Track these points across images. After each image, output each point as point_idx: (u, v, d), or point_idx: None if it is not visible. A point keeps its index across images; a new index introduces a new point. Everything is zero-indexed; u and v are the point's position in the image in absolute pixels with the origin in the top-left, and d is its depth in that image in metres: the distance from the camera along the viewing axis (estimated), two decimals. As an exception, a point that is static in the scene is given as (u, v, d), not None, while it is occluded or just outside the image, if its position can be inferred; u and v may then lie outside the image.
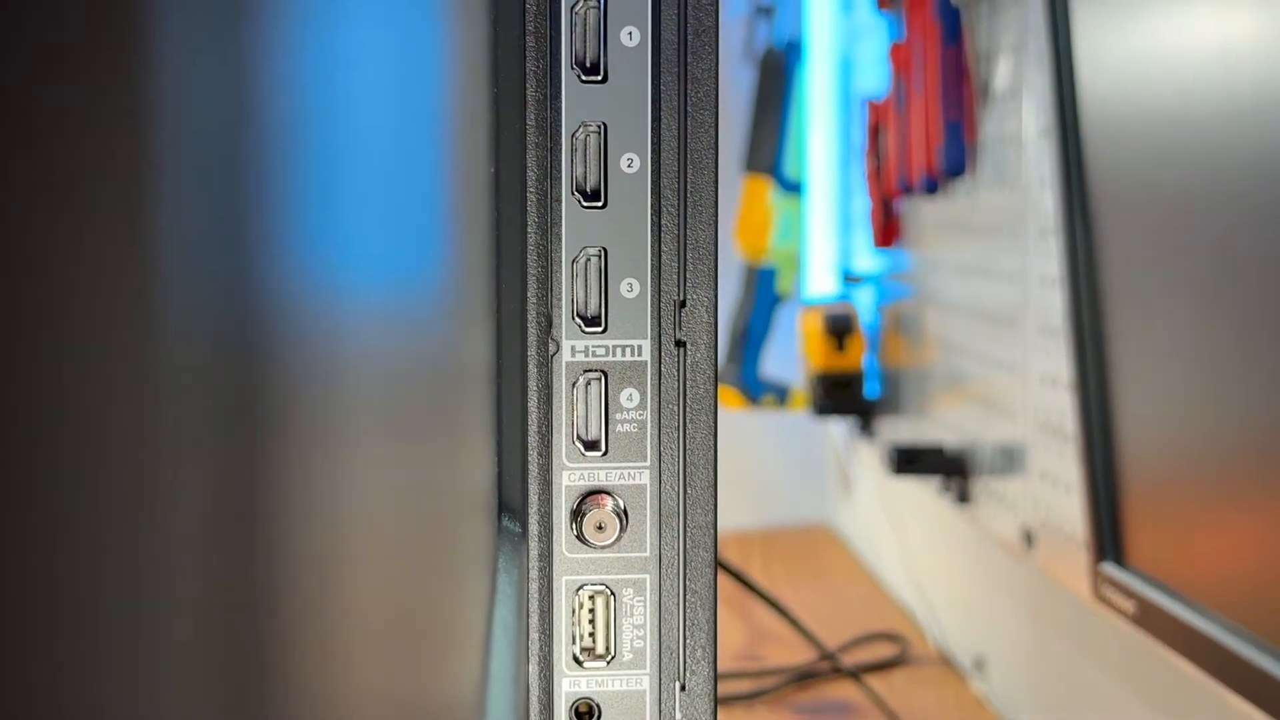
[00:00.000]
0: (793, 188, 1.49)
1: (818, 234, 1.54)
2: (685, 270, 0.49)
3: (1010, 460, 1.06)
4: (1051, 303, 0.95)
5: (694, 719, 0.52)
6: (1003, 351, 1.07)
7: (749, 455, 1.71)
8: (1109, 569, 0.80)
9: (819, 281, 1.54)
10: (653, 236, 0.49)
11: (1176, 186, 0.71)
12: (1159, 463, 0.76)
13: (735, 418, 1.59)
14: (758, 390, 1.52)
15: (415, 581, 0.26)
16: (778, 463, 1.73)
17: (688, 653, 0.51)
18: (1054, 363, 0.95)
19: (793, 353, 1.55)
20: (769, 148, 1.47)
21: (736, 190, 1.50)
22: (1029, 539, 1.02)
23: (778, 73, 1.48)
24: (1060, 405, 0.94)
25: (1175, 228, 0.71)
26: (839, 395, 1.42)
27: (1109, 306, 0.81)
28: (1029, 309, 1.00)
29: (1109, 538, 0.82)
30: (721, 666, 1.16)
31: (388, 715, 0.22)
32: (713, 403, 0.50)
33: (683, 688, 0.51)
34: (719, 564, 0.93)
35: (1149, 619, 0.75)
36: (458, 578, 0.34)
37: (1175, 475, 0.74)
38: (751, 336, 1.50)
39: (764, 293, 1.50)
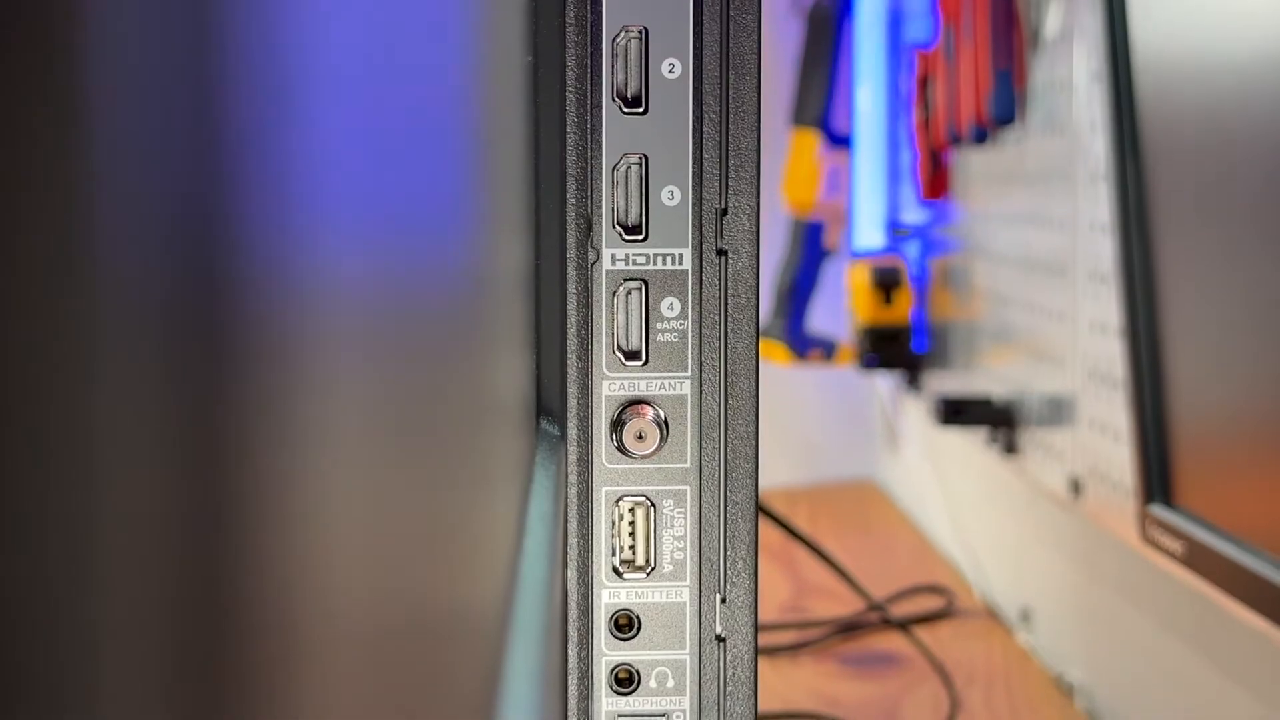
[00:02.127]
0: (841, 141, 1.48)
1: (865, 187, 1.53)
2: (727, 177, 0.49)
3: (1058, 410, 1.05)
4: (1102, 249, 0.94)
5: (734, 631, 0.51)
6: (1052, 300, 1.06)
7: (795, 411, 1.70)
8: (1157, 510, 0.80)
9: (866, 235, 1.53)
10: (694, 143, 0.49)
11: (1229, 129, 0.70)
12: (1208, 405, 0.75)
13: (782, 373, 1.59)
14: (804, 345, 1.51)
15: (445, 481, 0.26)
16: (824, 418, 1.72)
17: (728, 565, 0.51)
18: (1104, 309, 0.94)
19: (840, 307, 1.54)
20: (817, 100, 1.46)
21: (784, 143, 1.49)
22: (1076, 488, 1.01)
23: (825, 25, 1.47)
24: (1110, 353, 0.93)
25: (1227, 171, 0.70)
26: (886, 349, 1.41)
27: (1160, 251, 0.80)
28: (1078, 256, 0.99)
29: (1157, 480, 0.81)
30: (766, 618, 1.16)
31: (410, 616, 0.22)
32: (754, 312, 0.50)
33: (723, 600, 0.51)
34: (764, 511, 0.93)
35: (1197, 559, 0.75)
36: (491, 478, 0.34)
37: (1225, 418, 0.73)
38: (798, 291, 1.49)
39: (811, 247, 1.49)
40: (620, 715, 0.52)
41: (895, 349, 1.41)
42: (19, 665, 0.09)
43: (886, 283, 1.40)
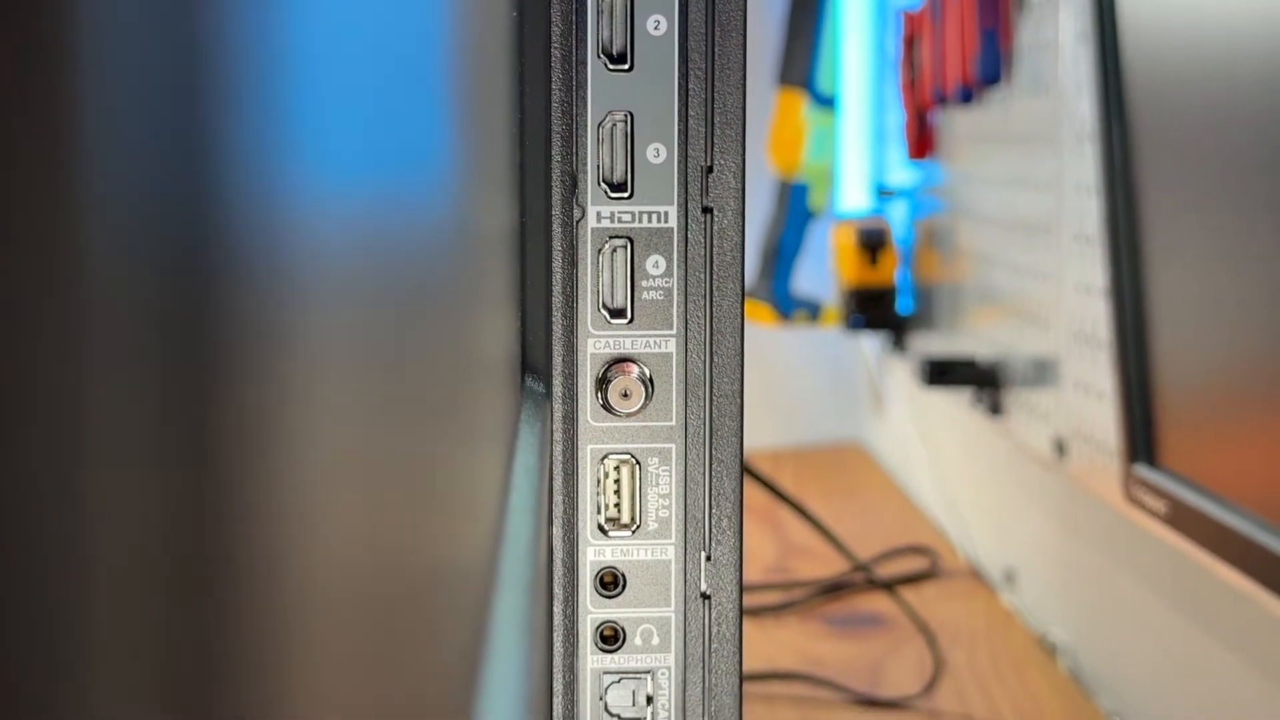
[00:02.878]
0: (826, 101, 1.47)
1: (851, 148, 1.53)
2: (712, 135, 0.49)
3: (1043, 371, 1.05)
4: (1087, 209, 0.94)
5: (719, 589, 0.51)
6: (1037, 261, 1.06)
7: (780, 372, 1.71)
8: (1141, 470, 0.80)
9: (852, 196, 1.53)
10: (679, 100, 0.49)
11: (1214, 89, 0.70)
12: (1192, 366, 0.75)
13: (767, 334, 1.59)
14: (789, 306, 1.51)
15: (431, 438, 0.26)
16: (809, 379, 1.72)
17: (713, 523, 0.51)
18: (1089, 270, 0.94)
19: (825, 268, 1.54)
20: (803, 61, 1.46)
21: (769, 104, 1.49)
22: (1061, 449, 1.01)
23: (812, -15, 1.46)
24: (1094, 313, 0.93)
25: (1213, 132, 0.70)
26: (871, 310, 1.41)
27: (1145, 211, 0.80)
28: (1064, 217, 0.99)
29: (1141, 440, 0.81)
30: (751, 579, 1.16)
31: (397, 572, 0.22)
32: (740, 270, 0.50)
33: (708, 558, 0.51)
34: (749, 471, 0.93)
35: (1180, 518, 0.75)
36: (476, 436, 0.34)
37: (1208, 377, 0.73)
38: (783, 252, 1.49)
39: (796, 208, 1.49)
40: (605, 672, 0.52)
41: (880, 310, 1.41)
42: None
43: (872, 244, 1.40)
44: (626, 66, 0.48)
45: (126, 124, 0.10)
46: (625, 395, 0.50)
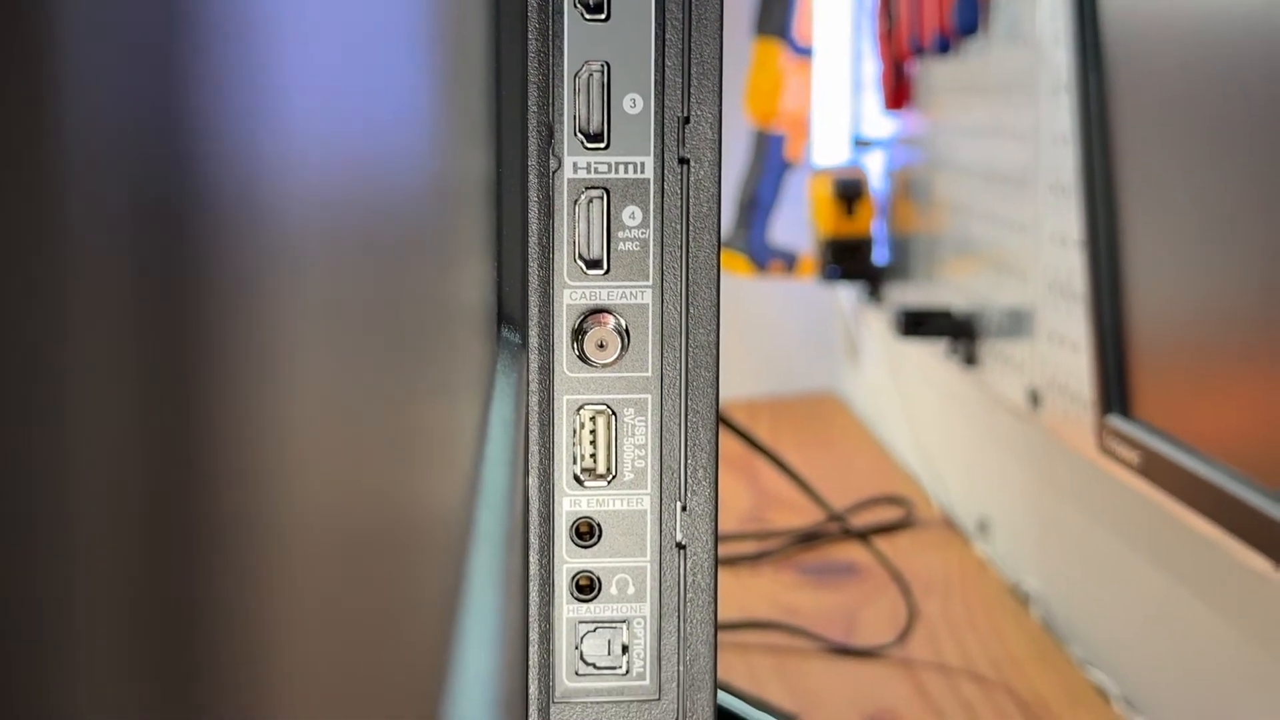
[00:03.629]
0: (804, 51, 1.47)
1: (828, 98, 1.53)
2: (689, 85, 0.49)
3: (1018, 322, 1.05)
4: (1063, 161, 0.94)
5: (694, 539, 0.52)
6: (1013, 212, 1.06)
7: (756, 323, 1.71)
8: (1114, 421, 0.80)
9: (829, 146, 1.53)
10: (656, 50, 0.48)
11: (1191, 41, 0.70)
12: (1166, 318, 0.76)
13: (743, 284, 1.59)
14: (765, 257, 1.51)
15: (407, 388, 0.26)
16: (785, 330, 1.73)
17: (689, 473, 0.51)
18: (1065, 221, 0.94)
19: (802, 219, 1.54)
20: (780, 10, 1.45)
21: (747, 54, 1.48)
22: (1035, 400, 1.02)
23: (790, -67, 1.46)
24: (1070, 264, 0.93)
25: (1189, 83, 0.70)
26: (848, 261, 1.41)
27: (1121, 163, 0.80)
28: (1040, 168, 1.00)
29: (1115, 391, 0.81)
30: (726, 528, 1.17)
31: (372, 522, 0.22)
32: (716, 221, 0.50)
33: (684, 508, 0.51)
34: (725, 421, 0.93)
35: (1153, 468, 0.75)
36: (452, 386, 0.34)
37: (1182, 330, 0.74)
38: (760, 203, 1.49)
39: (773, 158, 1.49)
40: (581, 622, 0.52)
41: (856, 261, 1.41)
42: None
43: (848, 194, 1.40)
44: (603, 16, 0.48)
45: (99, 73, 0.10)
46: (601, 346, 0.50)
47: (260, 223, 0.15)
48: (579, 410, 0.51)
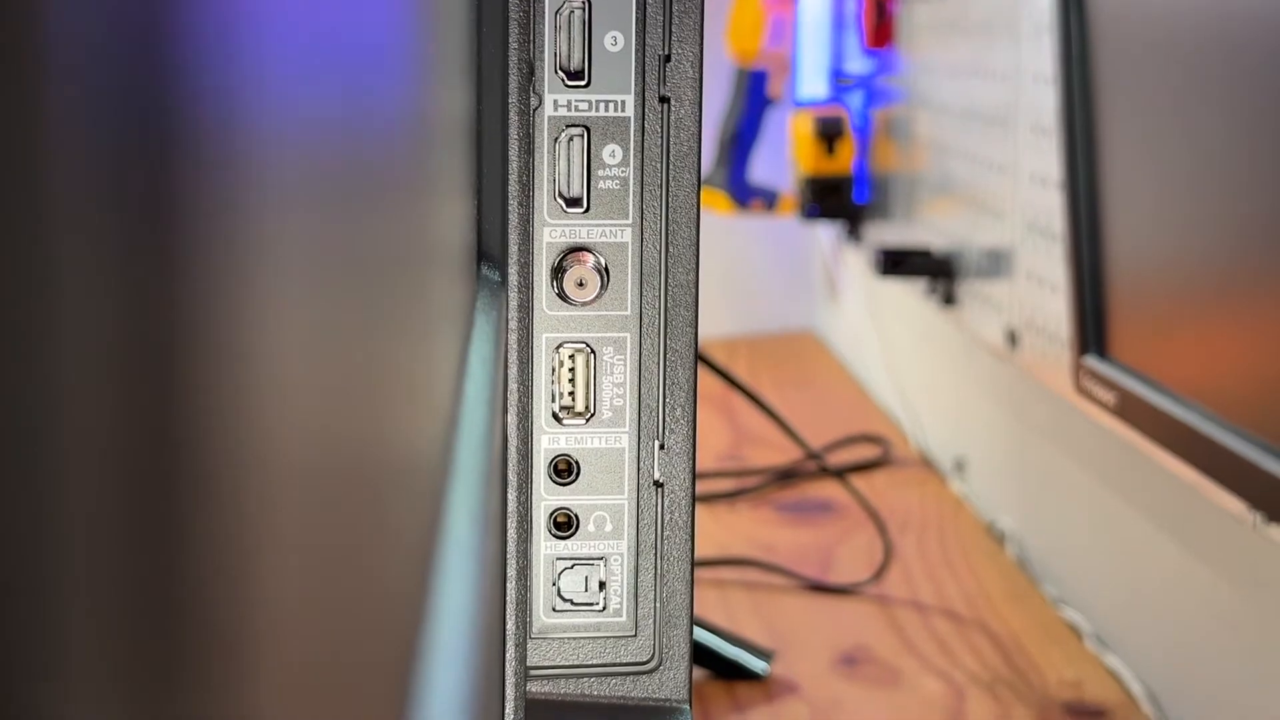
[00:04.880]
0: (786, -12, 1.46)
1: (810, 36, 1.52)
2: (670, 23, 0.49)
3: (997, 262, 1.06)
4: (1044, 101, 0.94)
5: (672, 477, 0.52)
6: (993, 152, 1.06)
7: (736, 261, 1.71)
8: (1091, 361, 0.81)
9: (810, 84, 1.52)
10: None
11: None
12: (1144, 259, 0.76)
13: (723, 222, 1.59)
14: (746, 195, 1.51)
15: (385, 325, 0.26)
16: (765, 268, 1.73)
17: (667, 412, 0.51)
18: (1045, 162, 0.94)
19: (782, 157, 1.54)
20: (762, -54, 1.45)
21: (729, -10, 1.48)
22: (1013, 339, 1.02)
23: None
24: (1049, 205, 0.93)
25: (1170, 24, 0.70)
26: (828, 200, 1.41)
27: (1101, 104, 0.80)
28: (1021, 108, 0.99)
29: (1092, 332, 0.82)
30: (704, 466, 1.17)
31: (350, 459, 0.22)
32: (696, 160, 0.50)
33: (662, 446, 0.52)
34: (702, 359, 0.93)
35: (1128, 409, 0.76)
36: (431, 323, 0.34)
37: (1159, 271, 0.74)
38: (741, 140, 1.49)
39: (754, 96, 1.48)
40: (559, 558, 0.52)
41: (837, 199, 1.41)
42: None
43: (829, 133, 1.40)
44: (584, -47, 0.48)
45: (80, 5, 0.10)
46: (580, 284, 0.50)
47: (238, 157, 0.15)
48: (558, 348, 0.51)
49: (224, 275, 0.14)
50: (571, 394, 0.51)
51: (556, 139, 0.49)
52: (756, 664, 0.85)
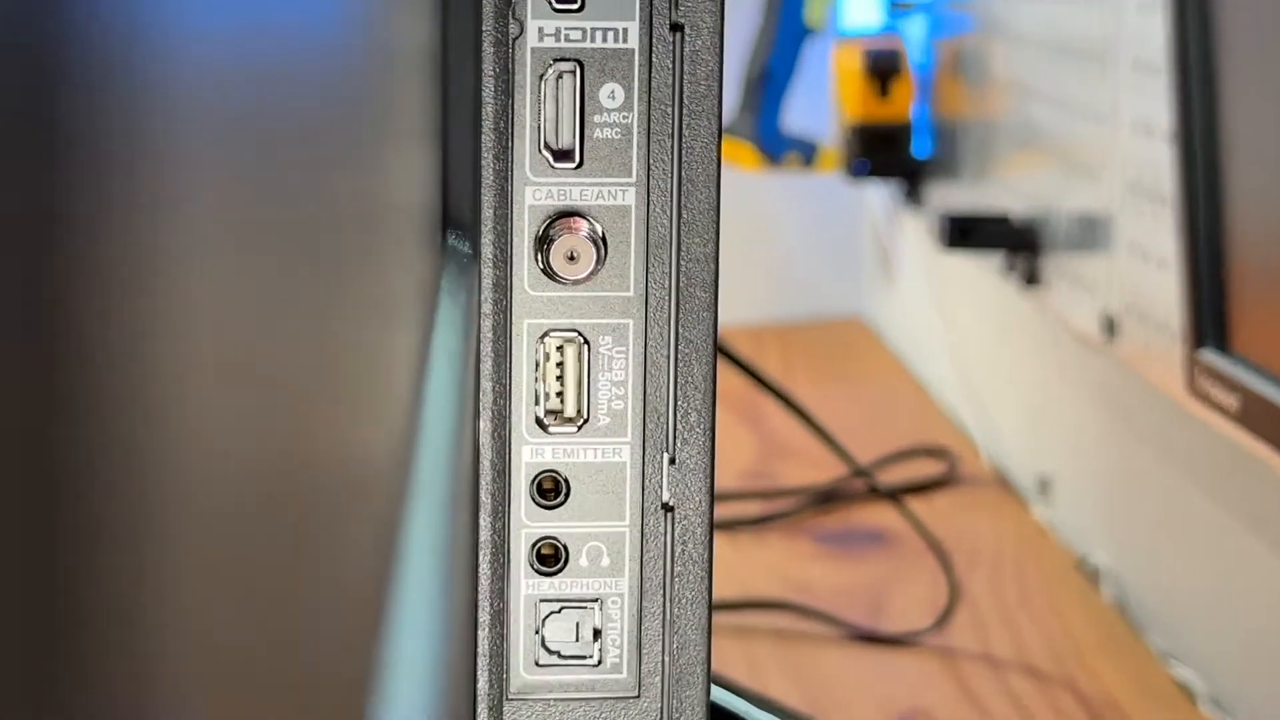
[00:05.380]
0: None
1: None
2: None
3: (1091, 231, 1.06)
4: (1150, 30, 0.93)
5: (685, 499, 0.52)
6: (1087, 94, 1.06)
7: (766, 229, 1.71)
8: (1209, 357, 0.80)
9: (859, 9, 1.52)
10: None
11: None
12: (1277, 228, 0.76)
13: (750, 181, 1.59)
14: (779, 147, 1.51)
15: (327, 309, 0.26)
16: (802, 238, 1.73)
17: (679, 418, 0.51)
18: (1151, 106, 0.94)
19: (824, 100, 1.54)
20: None
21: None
22: (1111, 327, 1.02)
23: None
24: (1156, 159, 0.93)
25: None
26: (881, 153, 1.41)
27: (1224, 34, 0.80)
28: (1121, 39, 0.99)
29: (1210, 320, 0.81)
30: (725, 484, 1.17)
31: (284, 477, 0.22)
32: (716, 102, 0.50)
33: (672, 461, 0.52)
34: (722, 352, 0.93)
35: (1254, 415, 0.76)
36: (384, 307, 0.34)
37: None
38: (772, 79, 1.49)
39: (789, 23, 1.48)
40: (543, 600, 0.52)
41: (891, 153, 1.41)
42: None
43: (882, 70, 1.40)
44: None
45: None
46: (572, 258, 0.50)
47: (152, 99, 0.15)
48: (543, 338, 0.51)
49: (130, 241, 0.14)
50: (560, 395, 0.51)
51: (542, 76, 0.49)
52: (790, 732, 0.85)
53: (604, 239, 0.50)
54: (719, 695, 0.83)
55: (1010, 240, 1.18)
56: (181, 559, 0.16)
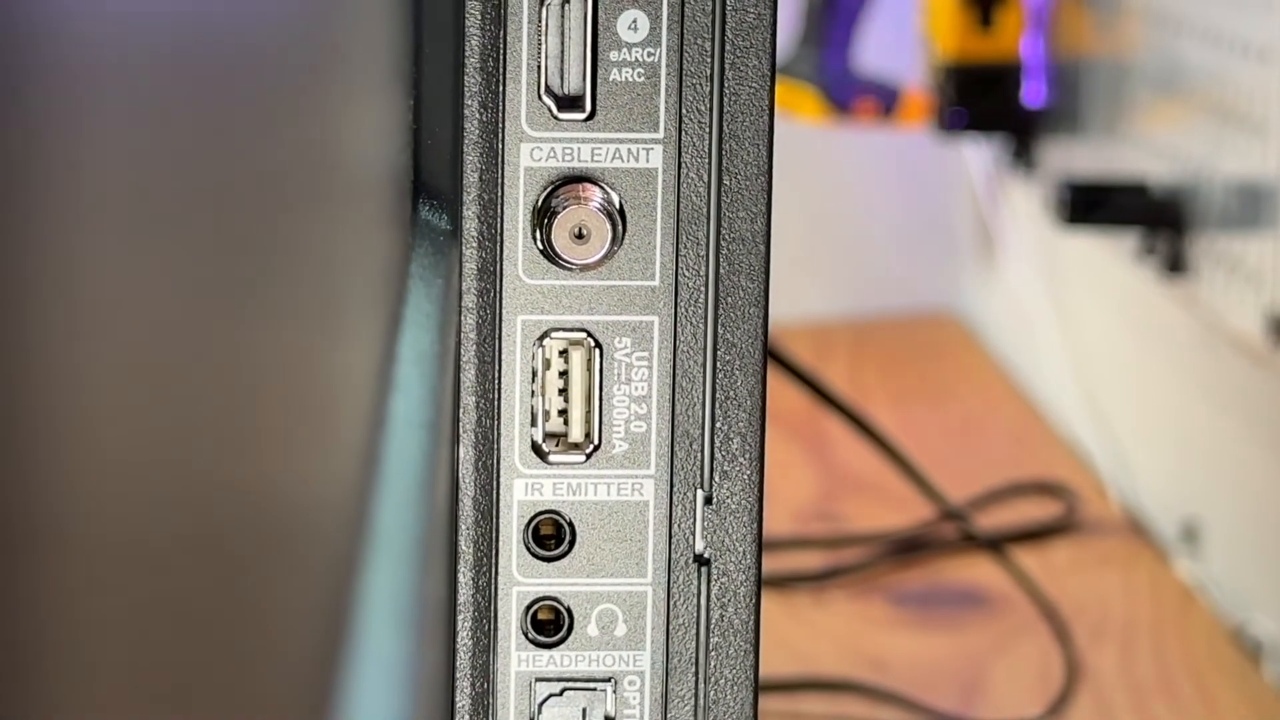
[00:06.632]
0: None
1: None
2: None
3: (1254, 205, 1.06)
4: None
5: (725, 550, 0.52)
6: (1248, 27, 1.06)
7: (833, 198, 1.71)
8: (1405, 367, 0.81)
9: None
10: None
11: None
12: None
13: (811, 138, 1.59)
14: (849, 93, 1.51)
15: (263, 302, 0.26)
16: (879, 211, 1.73)
17: (717, 444, 0.51)
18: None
19: (907, 32, 1.54)
20: None
21: None
22: (1278, 330, 1.02)
23: None
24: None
25: None
26: (981, 101, 1.41)
27: None
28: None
29: None
30: (779, 530, 1.18)
31: (209, 520, 0.22)
32: (769, 35, 0.50)
33: (708, 500, 0.52)
34: (774, 358, 0.93)
35: None
36: (337, 298, 0.34)
37: None
38: (841, 4, 1.49)
39: (864, -66, 1.49)
40: (540, 679, 0.52)
41: (995, 101, 1.41)
42: None
43: (984, -5, 1.40)
44: None
45: None
46: (580, 236, 0.50)
47: (41, 36, 0.15)
48: (542, 339, 0.51)
49: (17, 218, 0.14)
50: (563, 414, 0.52)
51: (544, 2, 0.49)
52: None
53: (622, 212, 0.51)
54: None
55: (1149, 215, 1.18)
56: (98, 606, 0.16)
